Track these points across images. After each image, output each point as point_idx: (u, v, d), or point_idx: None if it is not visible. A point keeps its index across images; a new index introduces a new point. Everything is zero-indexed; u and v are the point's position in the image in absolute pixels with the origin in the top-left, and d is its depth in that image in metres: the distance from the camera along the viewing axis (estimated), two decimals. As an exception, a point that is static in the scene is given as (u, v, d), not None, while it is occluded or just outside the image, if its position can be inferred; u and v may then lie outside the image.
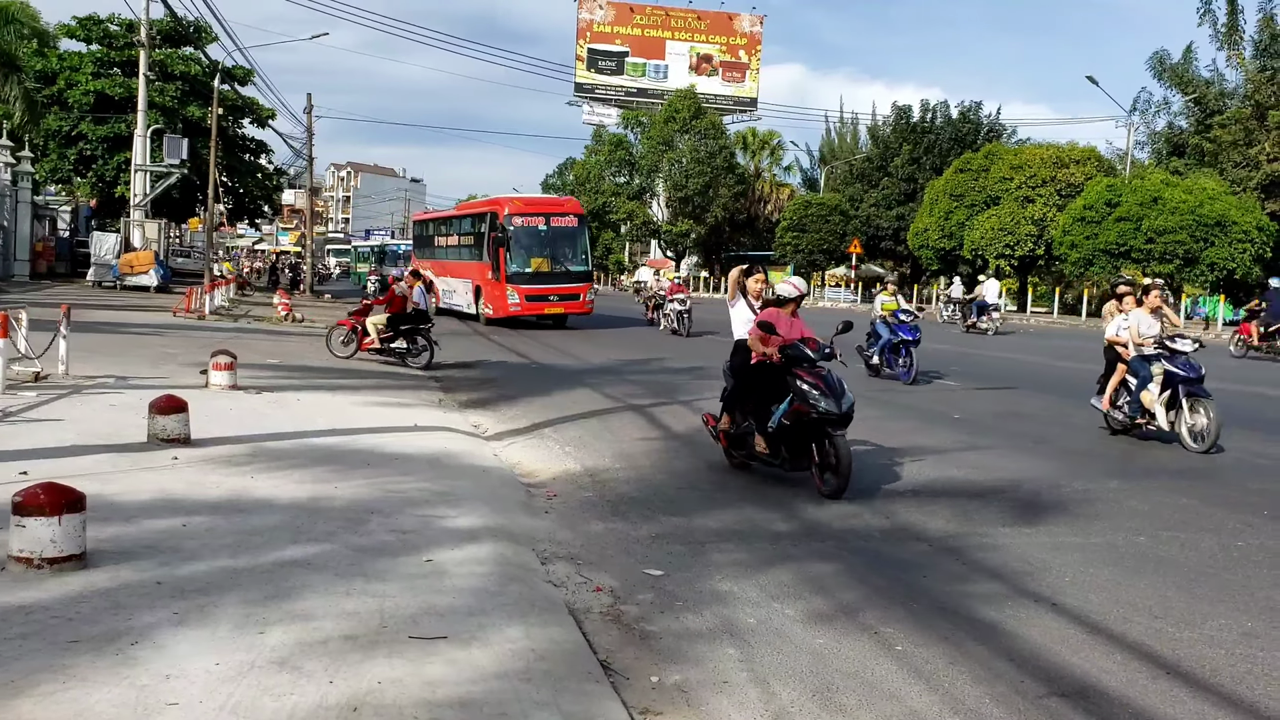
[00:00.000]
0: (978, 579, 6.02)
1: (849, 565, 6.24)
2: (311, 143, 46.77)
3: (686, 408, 12.99)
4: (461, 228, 32.80)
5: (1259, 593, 5.77)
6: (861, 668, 4.59)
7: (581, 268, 29.27)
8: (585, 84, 70.83)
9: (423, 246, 37.21)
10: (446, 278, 32.63)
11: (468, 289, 30.85)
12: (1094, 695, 4.32)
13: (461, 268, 31.85)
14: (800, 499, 8.03)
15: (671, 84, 69.51)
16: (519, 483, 8.47)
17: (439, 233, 35.63)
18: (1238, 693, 4.35)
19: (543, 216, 28.72)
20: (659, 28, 71.55)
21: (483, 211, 30.57)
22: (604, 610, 5.30)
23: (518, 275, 27.67)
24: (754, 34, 73.69)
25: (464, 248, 32.20)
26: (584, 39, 70.54)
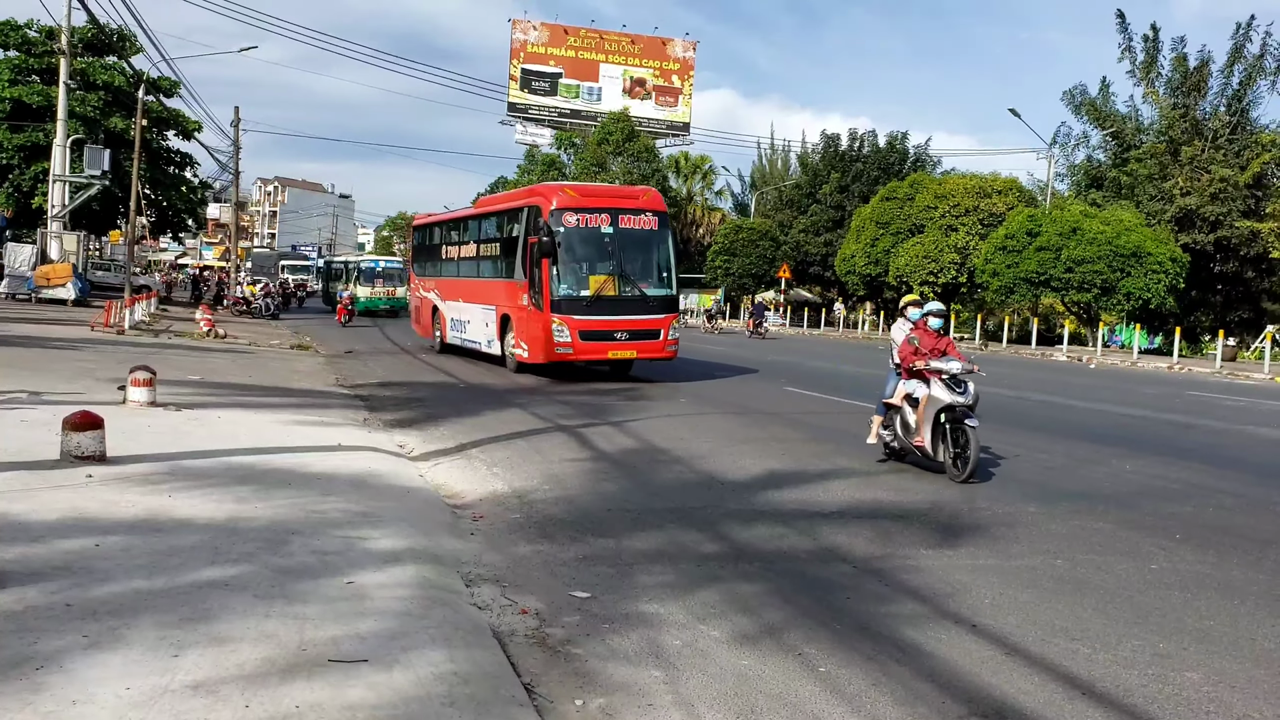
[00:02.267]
0: (900, 600, 6.09)
1: (775, 586, 6.28)
2: (238, 156, 46.14)
3: (617, 429, 12.99)
4: (482, 232, 23.17)
5: (1171, 615, 5.92)
6: (785, 689, 4.61)
7: (662, 291, 19.43)
8: (518, 104, 70.80)
9: (424, 259, 27.73)
10: (457, 302, 24.00)
11: (489, 320, 21.60)
12: (1012, 716, 4.39)
13: (481, 289, 22.44)
14: (727, 520, 8.07)
15: (605, 106, 69.79)
16: (445, 504, 8.39)
17: (448, 240, 25.96)
18: (1150, 712, 4.46)
19: (607, 214, 19.13)
20: (593, 50, 71.84)
21: (516, 206, 20.96)
22: (529, 633, 5.26)
23: (570, 301, 18.47)
24: (687, 59, 74.37)
25: (485, 261, 22.82)
26: (517, 59, 70.54)
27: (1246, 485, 10.30)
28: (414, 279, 28.53)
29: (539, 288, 18.71)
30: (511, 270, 20.44)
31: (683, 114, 74.21)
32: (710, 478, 9.95)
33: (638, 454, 11.29)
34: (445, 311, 24.90)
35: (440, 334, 25.45)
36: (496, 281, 21.52)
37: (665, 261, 19.55)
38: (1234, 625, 5.74)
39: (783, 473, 10.20)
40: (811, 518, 8.29)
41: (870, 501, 9.00)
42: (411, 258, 30.08)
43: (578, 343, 18.52)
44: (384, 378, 19.15)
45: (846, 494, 9.26)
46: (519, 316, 19.74)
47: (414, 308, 28.80)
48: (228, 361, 19.70)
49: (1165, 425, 15.74)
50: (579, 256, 18.97)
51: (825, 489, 9.45)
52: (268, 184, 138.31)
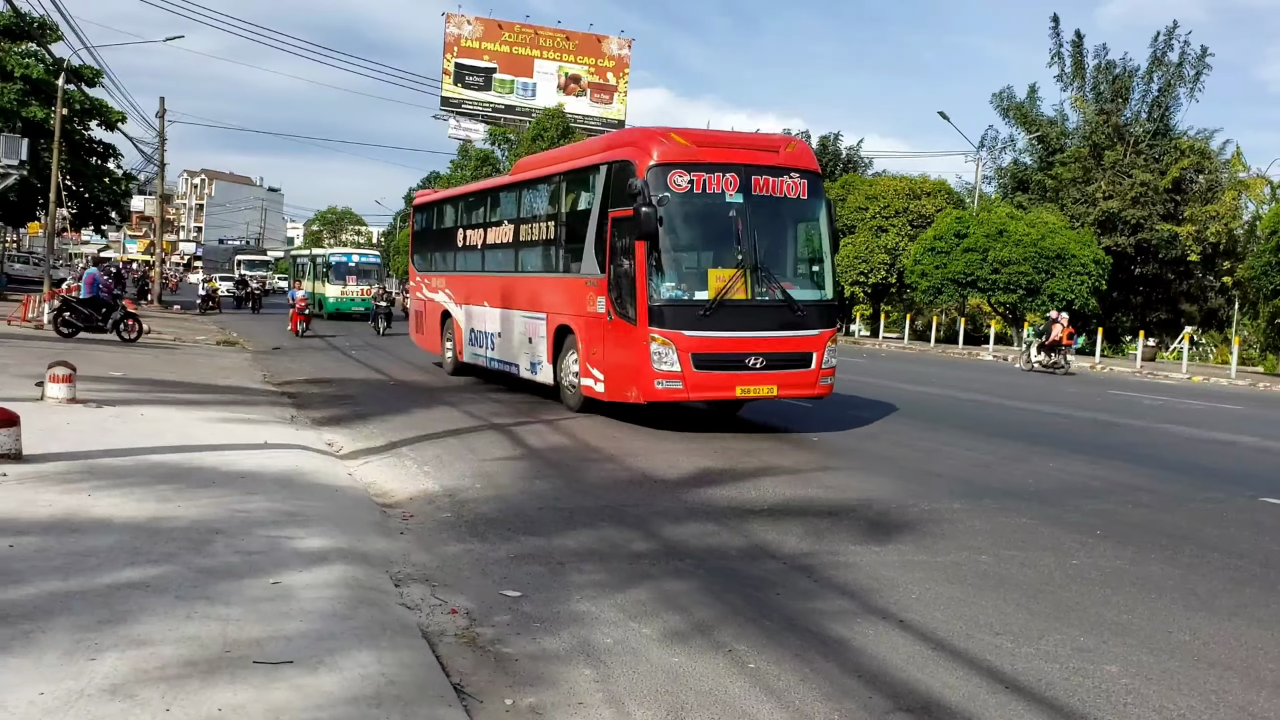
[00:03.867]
0: (829, 596, 6.15)
1: (706, 584, 6.30)
2: (163, 148, 45.07)
3: (549, 427, 12.95)
4: (525, 207, 16.54)
5: (1091, 609, 6.05)
6: (715, 686, 4.63)
7: (815, 293, 13.45)
8: (452, 98, 70.19)
9: (430, 249, 21.50)
10: (480, 306, 17.81)
11: (534, 333, 15.38)
12: (937, 710, 4.45)
13: (522, 289, 16.12)
14: (659, 518, 8.08)
15: (540, 102, 69.48)
16: (373, 503, 8.29)
17: (468, 220, 19.16)
18: (1070, 705, 4.55)
19: (735, 173, 12.69)
20: (528, 46, 71.46)
21: (587, 165, 14.26)
22: (459, 633, 5.22)
23: (679, 309, 12.42)
24: (622, 57, 74.35)
25: (531, 248, 16.20)
26: (451, 53, 69.93)
27: (1164, 482, 10.58)
28: (414, 275, 22.05)
29: (628, 287, 12.44)
30: (576, 261, 14.17)
31: (618, 111, 74.19)
32: (643, 476, 9.96)
33: (571, 452, 11.27)
34: (461, 319, 18.66)
35: (453, 348, 19.21)
36: (549, 278, 15.16)
37: (820, 248, 13.59)
38: (1151, 619, 5.89)
39: (715, 470, 10.25)
40: (743, 515, 8.33)
41: (802, 499, 9.08)
42: (411, 247, 23.05)
43: (691, 373, 12.17)
44: (312, 374, 18.85)
45: (778, 491, 9.32)
46: (589, 330, 13.43)
47: (414, 312, 22.23)
48: (151, 357, 19.26)
49: (1088, 424, 16.12)
50: (693, 239, 12.99)
51: (757, 486, 9.51)
52: (194, 176, 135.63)
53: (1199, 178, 42.93)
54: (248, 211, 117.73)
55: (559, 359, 14.58)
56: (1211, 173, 42.83)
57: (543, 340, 15.00)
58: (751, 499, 9.00)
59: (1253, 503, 9.81)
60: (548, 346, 14.82)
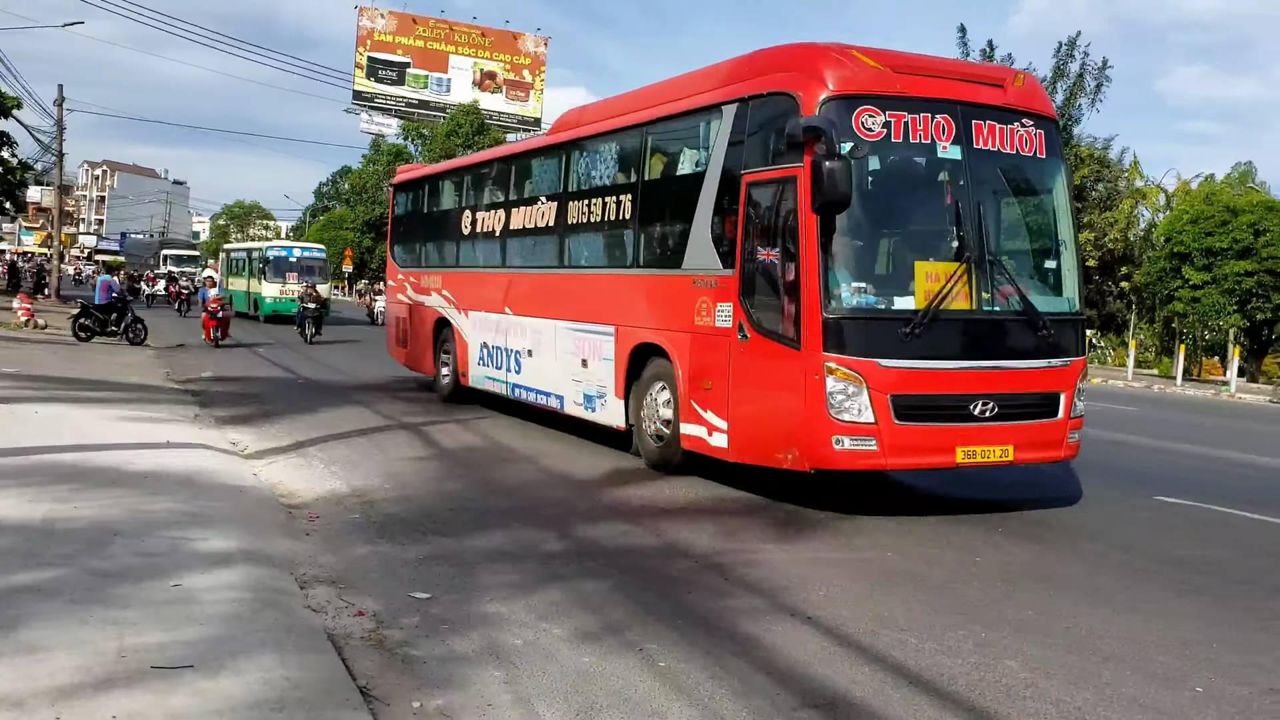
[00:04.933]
0: (740, 594, 6.19)
1: (618, 583, 6.30)
2: (62, 137, 43.52)
3: (462, 426, 12.84)
4: (589, 174, 11.90)
5: (994, 606, 6.19)
6: (625, 685, 4.63)
7: (1058, 302, 9.25)
8: (364, 92, 69.14)
9: (417, 239, 17.02)
10: (501, 313, 13.35)
11: (598, 352, 11.10)
12: (843, 706, 4.51)
13: (577, 289, 11.90)
14: (573, 518, 8.06)
15: (454, 98, 68.85)
16: (279, 504, 8.11)
17: (485, 200, 14.45)
18: (971, 699, 4.65)
19: (948, 114, 8.36)
20: (442, 41, 70.73)
21: (708, 104, 9.65)
22: (365, 635, 5.13)
23: (869, 323, 8.21)
24: (538, 54, 74.06)
25: (594, 233, 11.74)
26: (364, 47, 68.88)
27: (1064, 482, 10.88)
28: (394, 273, 17.45)
29: (784, 289, 8.32)
30: (671, 250, 10.05)
31: (534, 109, 73.87)
32: (559, 476, 9.94)
33: (484, 452, 11.19)
34: (467, 330, 14.27)
35: (453, 368, 14.82)
36: (622, 276, 10.82)
37: (1061, 232, 9.32)
38: (1052, 615, 6.04)
39: (631, 470, 10.26)
40: (657, 514, 8.36)
41: (715, 498, 9.13)
42: (390, 238, 18.68)
43: (891, 426, 8.05)
44: (218, 372, 18.38)
45: (692, 491, 9.37)
46: (700, 353, 9.32)
47: (394, 320, 17.58)
48: (49, 353, 18.61)
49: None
50: (888, 216, 9.04)
51: (671, 485, 9.55)
52: (96, 168, 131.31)
53: (1098, 186, 44.23)
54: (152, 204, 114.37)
55: (634, 391, 10.37)
56: (1110, 181, 44.16)
57: (607, 364, 10.75)
58: (666, 498, 9.03)
59: (1148, 501, 10.16)
60: (617, 374, 10.55)
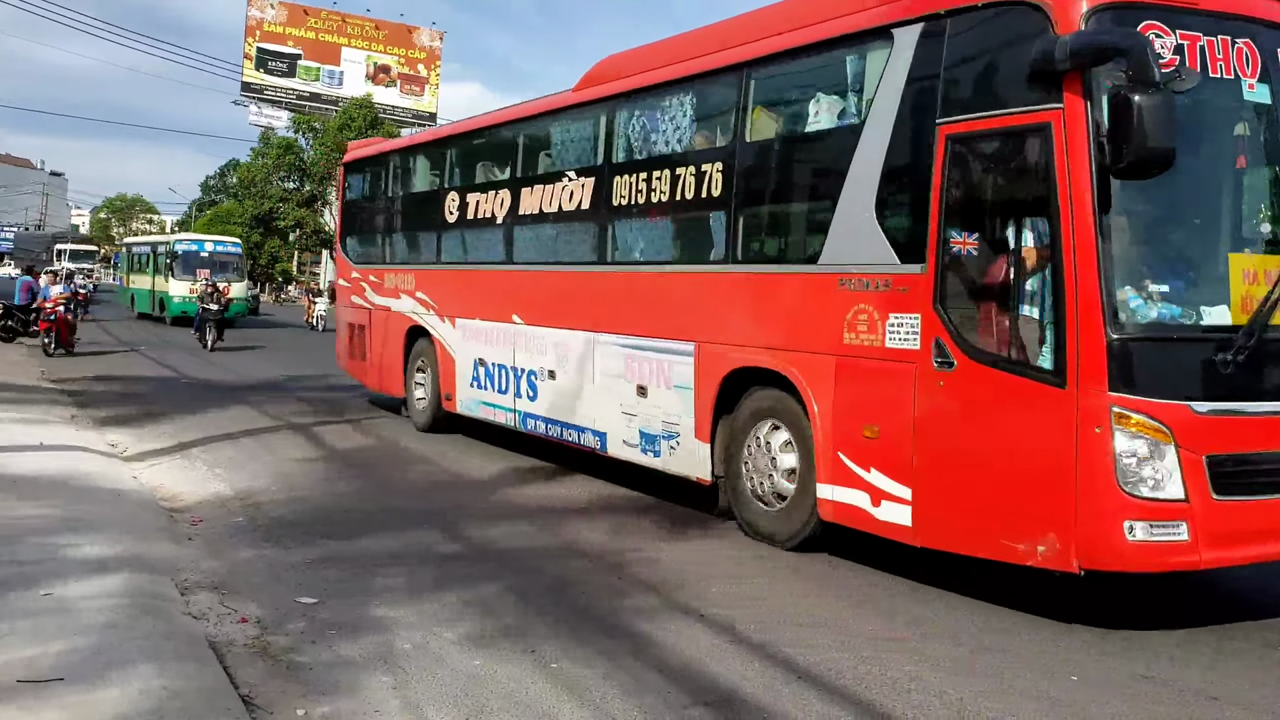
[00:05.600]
0: (635, 593, 6.20)
1: (513, 585, 6.25)
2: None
3: (354, 426, 12.61)
4: (666, 131, 8.51)
5: (885, 601, 6.28)
6: (516, 688, 4.59)
7: None
8: (253, 84, 67.38)
9: (382, 229, 13.92)
10: (507, 323, 10.50)
11: (665, 378, 8.25)
12: (735, 703, 4.55)
13: (631, 292, 8.85)
14: (468, 519, 7.98)
15: (347, 91, 67.53)
16: (160, 507, 7.85)
17: (479, 179, 11.45)
18: (858, 693, 4.73)
19: (1252, 36, 5.75)
20: (335, 33, 69.36)
21: (888, 24, 6.54)
22: (249, 642, 5.00)
23: (1169, 346, 5.60)
24: (434, 49, 73.17)
25: (682, 214, 8.38)
26: (253, 37, 67.13)
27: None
28: (346, 270, 14.54)
29: (1039, 290, 5.74)
30: (811, 237, 7.37)
31: (429, 104, 72.96)
32: (454, 476, 9.83)
33: (378, 452, 11.01)
34: (453, 342, 11.48)
35: (431, 389, 12.02)
36: (711, 275, 8.08)
37: None
38: (947, 610, 6.15)
39: (528, 470, 10.20)
40: (554, 514, 8.33)
41: (610, 496, 9.13)
42: (341, 228, 15.41)
43: (1208, 504, 5.43)
44: (98, 371, 17.72)
45: (590, 489, 9.35)
46: (859, 385, 6.67)
47: (346, 326, 14.47)
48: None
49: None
50: (1189, 183, 5.99)
51: (569, 485, 9.52)
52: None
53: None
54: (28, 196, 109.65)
55: (721, 430, 7.78)
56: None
57: (680, 394, 8.04)
58: (562, 497, 9.01)
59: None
60: (698, 407, 7.89)
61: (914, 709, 4.55)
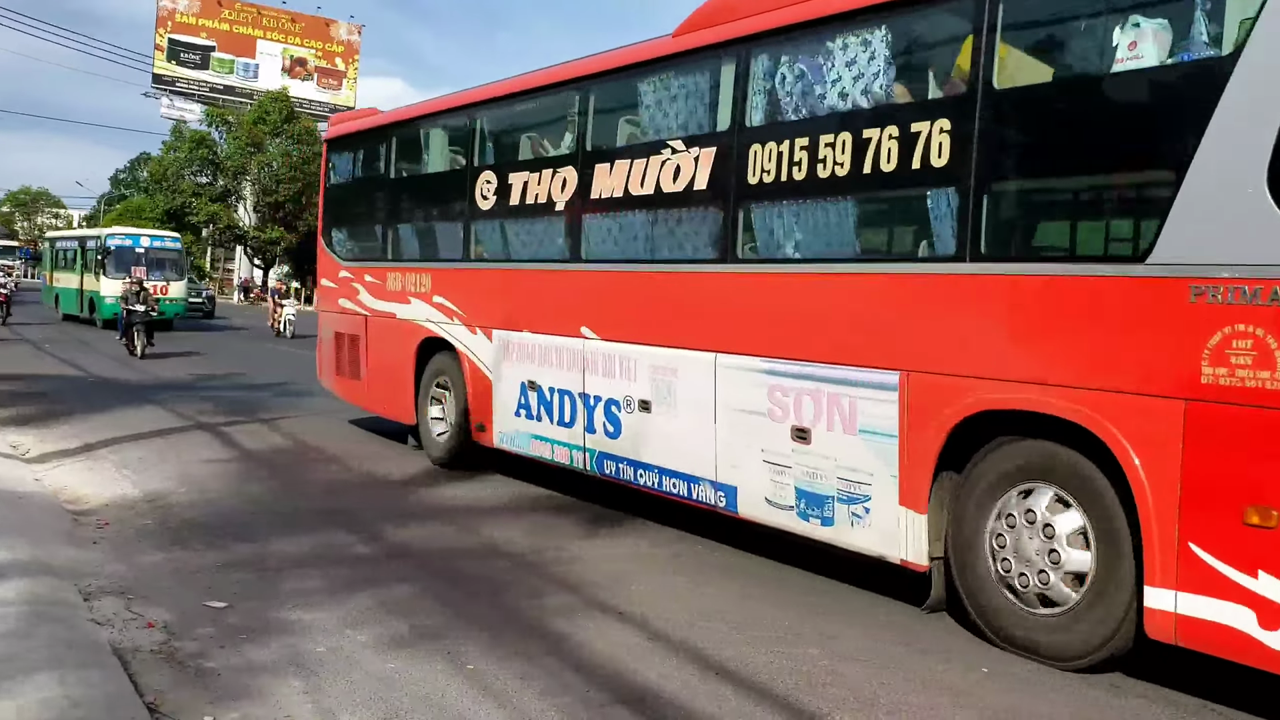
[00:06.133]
0: (554, 592, 6.17)
1: (430, 586, 6.18)
2: None
3: (267, 426, 12.36)
4: (837, 81, 6.30)
5: (802, 597, 6.34)
6: (432, 690, 4.53)
7: None
8: (165, 76, 65.71)
9: (382, 220, 11.47)
10: (574, 338, 8.27)
11: (847, 418, 6.10)
12: (653, 699, 4.55)
13: (798, 303, 6.52)
14: (384, 520, 7.86)
15: (262, 84, 66.21)
16: (64, 510, 7.60)
17: (541, 148, 9.30)
18: (772, 688, 4.77)
19: None
20: (250, 25, 67.98)
21: None
22: (155, 648, 4.86)
23: None
24: (352, 42, 72.15)
25: (868, 194, 6.38)
26: (165, 28, 65.45)
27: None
28: (336, 269, 12.16)
29: None
30: (1128, 223, 5.49)
31: (347, 98, 71.88)
32: (369, 477, 9.68)
33: (290, 453, 10.80)
34: (490, 359, 9.40)
35: (460, 415, 9.84)
36: (929, 277, 5.86)
37: None
38: (865, 605, 6.23)
39: (441, 470, 10.09)
40: (472, 514, 8.26)
41: (529, 496, 9.08)
42: (323, 220, 12.86)
43: None
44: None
45: (510, 489, 9.29)
46: (1245, 452, 4.43)
47: (334, 335, 12.18)
48: None
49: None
50: None
51: (488, 484, 9.44)
52: None
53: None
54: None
55: (939, 496, 5.85)
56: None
57: (877, 444, 5.99)
58: (482, 497, 8.93)
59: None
60: (905, 462, 5.87)
61: (829, 703, 4.60)
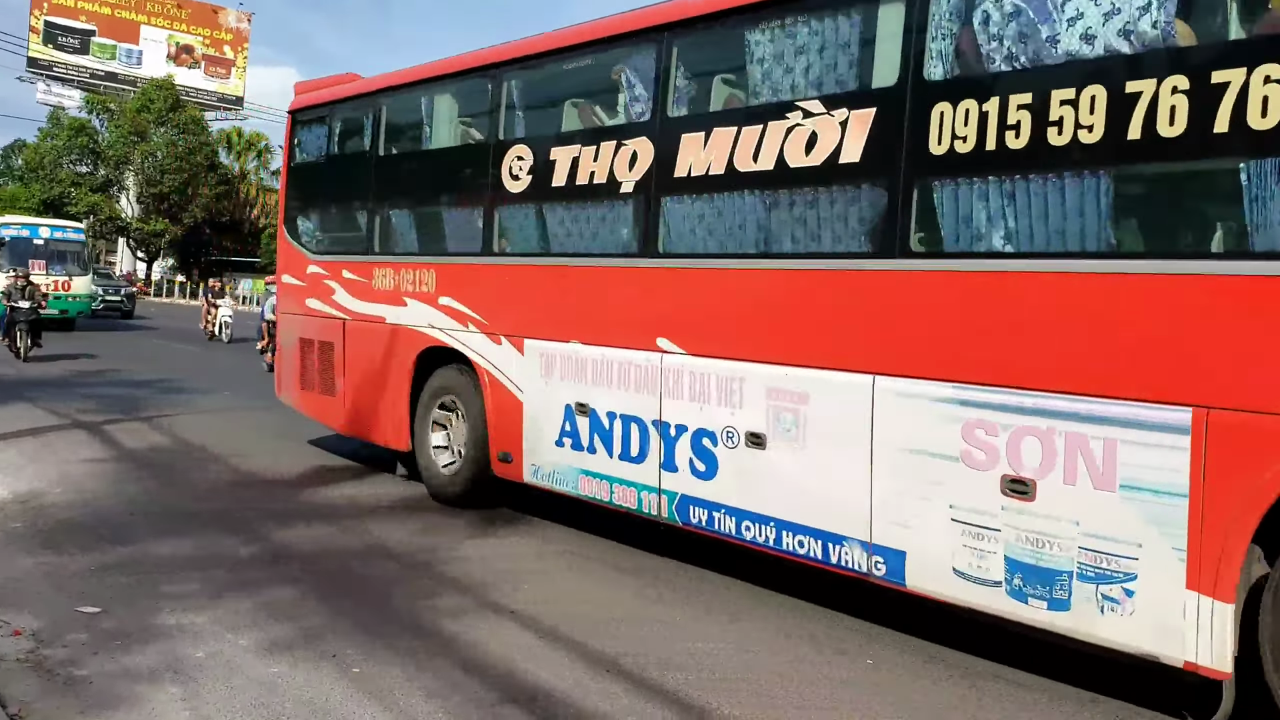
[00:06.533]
0: (444, 593, 6.10)
1: (315, 588, 6.05)
2: None
3: (149, 425, 11.95)
4: (1133, 19, 4.38)
5: (700, 596, 6.35)
6: (316, 694, 4.44)
7: None
8: (41, 60, 63.05)
9: (380, 201, 9.48)
10: (640, 352, 6.65)
11: (1108, 505, 4.40)
12: (544, 698, 4.53)
13: (1006, 314, 4.89)
14: (269, 521, 7.67)
15: (146, 71, 64.04)
16: (-74, 514, 7.24)
17: (595, 116, 7.55)
18: (663, 683, 4.79)
19: None
20: (133, 10, 65.68)
21: None
22: (23, 656, 4.65)
23: None
24: (241, 30, 70.30)
25: (1171, 170, 4.52)
26: (40, 10, 62.79)
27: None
28: (304, 263, 10.35)
29: None
30: None
31: (236, 87, 70.08)
32: (254, 476, 9.42)
33: (171, 452, 10.45)
34: (520, 376, 7.69)
35: (475, 446, 8.16)
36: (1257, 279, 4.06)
37: None
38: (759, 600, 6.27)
39: (334, 468, 9.90)
40: (362, 515, 8.10)
41: (422, 496, 8.93)
42: (287, 203, 11.06)
43: None
44: None
45: (401, 488, 9.14)
46: None
47: (299, 342, 10.38)
48: None
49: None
50: None
51: (379, 483, 9.29)
52: None
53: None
54: None
55: (1251, 572, 4.21)
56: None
57: (1151, 506, 4.33)
58: (372, 496, 8.77)
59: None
60: (1201, 537, 4.20)
61: (722, 698, 4.63)
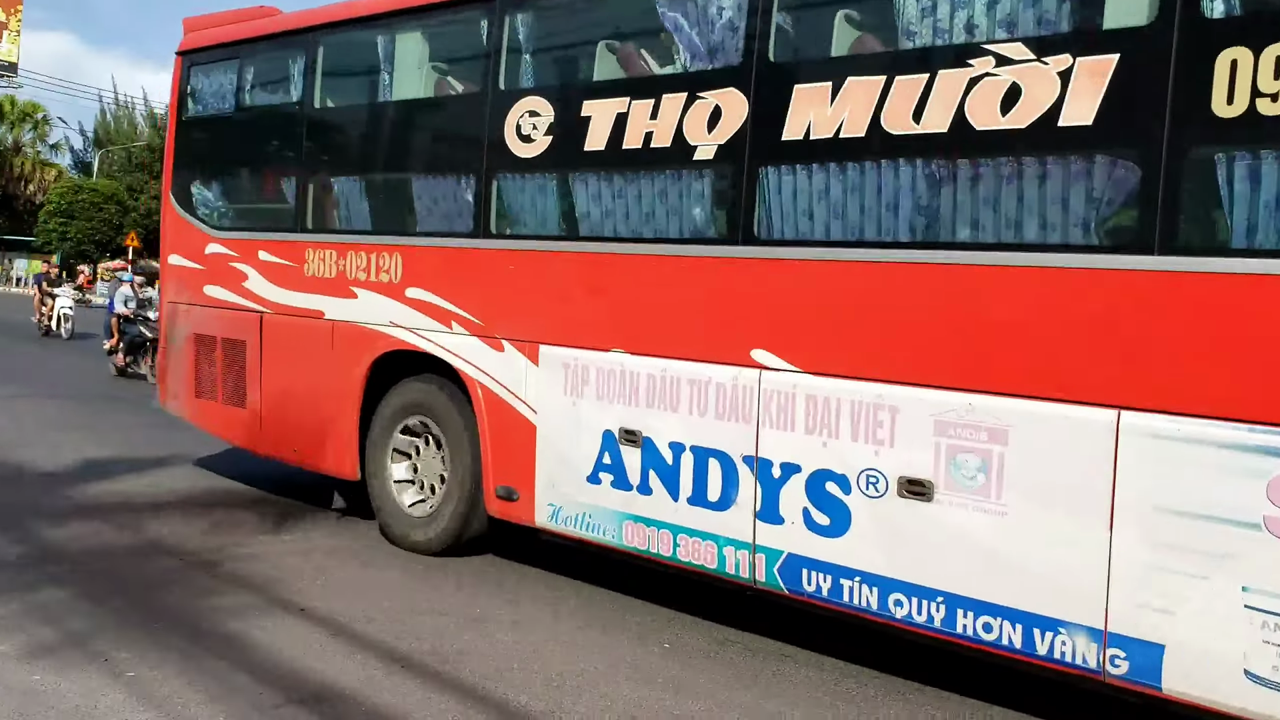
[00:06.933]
0: (229, 592, 5.86)
1: (85, 589, 5.70)
2: None
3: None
4: None
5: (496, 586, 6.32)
6: (84, 702, 4.19)
7: None
8: None
9: (334, 165, 7.66)
10: (732, 368, 5.13)
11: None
12: (331, 697, 4.43)
13: None
14: (34, 519, 7.18)
15: (-96, 31, 58.76)
16: None
17: (734, 62, 5.21)
18: (459, 677, 4.76)
19: None
20: (-114, -37, 60.10)
21: None
22: None
23: None
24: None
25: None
26: None
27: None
28: (204, 241, 8.30)
29: None
30: None
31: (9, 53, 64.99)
32: (19, 470, 8.80)
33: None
34: (536, 395, 6.04)
35: (466, 479, 6.55)
36: None
37: None
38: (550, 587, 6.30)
39: (112, 461, 9.34)
40: (139, 510, 7.68)
41: (207, 490, 8.56)
42: (176, 164, 8.78)
43: None
44: None
45: (189, 482, 8.72)
46: None
47: (194, 339, 8.40)
48: None
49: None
50: None
51: (165, 475, 8.84)
52: None
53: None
54: None
55: None
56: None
57: None
58: (156, 491, 8.33)
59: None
60: None
61: (511, 689, 4.65)
